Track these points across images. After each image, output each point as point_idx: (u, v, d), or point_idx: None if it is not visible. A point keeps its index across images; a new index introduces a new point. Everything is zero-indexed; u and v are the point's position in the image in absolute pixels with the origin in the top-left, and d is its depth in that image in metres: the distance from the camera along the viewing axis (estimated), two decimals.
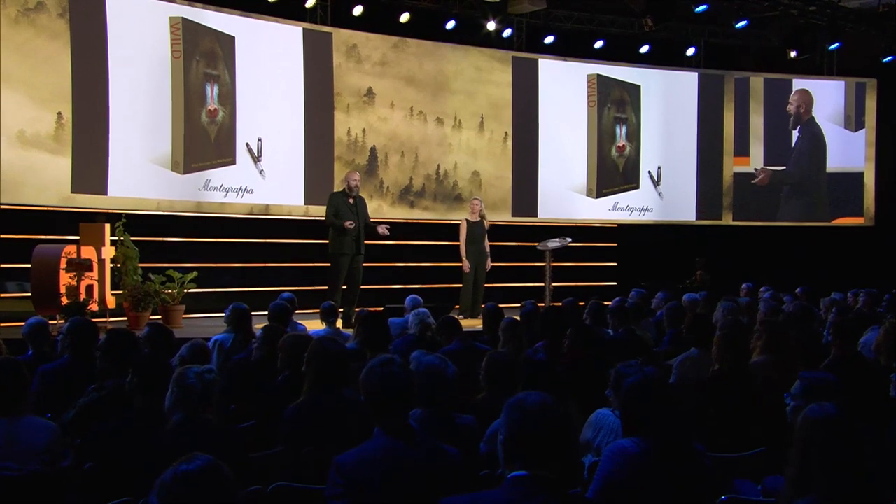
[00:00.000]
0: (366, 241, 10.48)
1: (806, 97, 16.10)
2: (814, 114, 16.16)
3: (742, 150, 15.92)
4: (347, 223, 10.08)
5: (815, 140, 16.18)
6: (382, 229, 10.45)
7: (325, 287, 10.34)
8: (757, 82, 15.99)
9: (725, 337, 4.91)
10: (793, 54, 14.51)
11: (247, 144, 12.03)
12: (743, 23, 14.00)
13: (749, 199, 15.95)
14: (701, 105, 15.70)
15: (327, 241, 10.45)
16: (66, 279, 9.19)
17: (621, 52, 15.26)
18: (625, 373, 3.77)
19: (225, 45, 11.82)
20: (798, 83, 16.10)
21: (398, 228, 13.36)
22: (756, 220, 15.97)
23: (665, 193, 15.52)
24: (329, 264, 10.37)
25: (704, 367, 5.29)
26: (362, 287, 10.46)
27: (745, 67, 16.18)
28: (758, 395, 4.62)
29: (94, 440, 3.84)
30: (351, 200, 10.33)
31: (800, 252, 15.34)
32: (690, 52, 15.75)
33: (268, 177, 12.19)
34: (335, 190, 11.23)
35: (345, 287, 10.23)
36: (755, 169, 15.92)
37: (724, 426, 4.37)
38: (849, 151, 16.29)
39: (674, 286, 12.30)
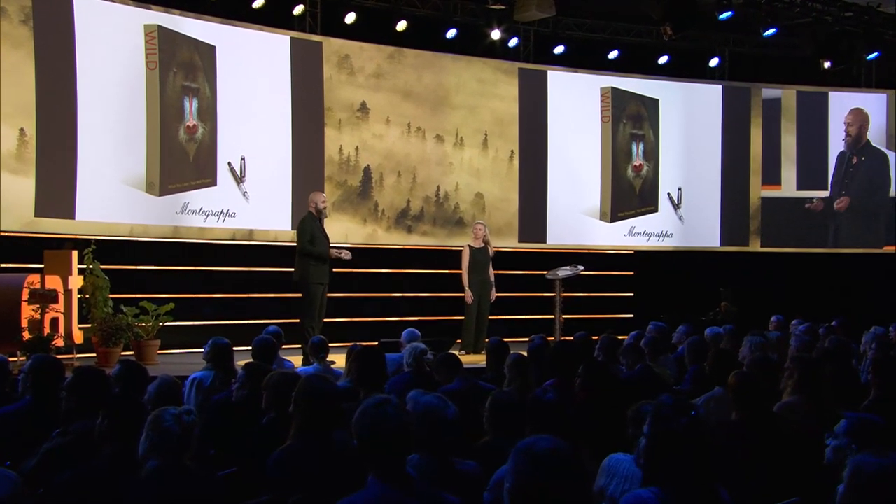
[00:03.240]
0: (348, 270, 10.45)
1: (861, 116, 16.06)
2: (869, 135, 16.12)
3: (773, 175, 15.88)
4: (344, 254, 10.17)
5: (881, 166, 16.13)
6: (345, 254, 10.36)
7: (297, 320, 10.16)
8: (789, 97, 15.99)
9: (739, 386, 4.89)
10: (826, 65, 14.56)
11: (229, 164, 12.08)
12: (771, 31, 14.06)
13: (779, 223, 15.91)
14: (725, 120, 15.75)
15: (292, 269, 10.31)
16: (28, 312, 9.20)
17: (638, 63, 15.34)
18: (645, 413, 3.76)
19: (205, 55, 11.90)
20: (834, 97, 16.11)
21: (394, 255, 13.43)
22: (787, 247, 15.93)
23: (686, 217, 15.55)
24: (300, 295, 10.18)
25: (729, 407, 5.28)
26: (351, 319, 10.46)
27: (774, 79, 16.22)
28: (788, 440, 4.61)
29: (58, 490, 3.82)
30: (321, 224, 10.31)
31: (836, 282, 15.27)
32: (714, 62, 15.84)
33: (252, 199, 12.24)
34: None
35: None
36: (813, 200, 15.90)
37: (752, 475, 4.36)
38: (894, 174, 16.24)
39: (696, 319, 12.29)
